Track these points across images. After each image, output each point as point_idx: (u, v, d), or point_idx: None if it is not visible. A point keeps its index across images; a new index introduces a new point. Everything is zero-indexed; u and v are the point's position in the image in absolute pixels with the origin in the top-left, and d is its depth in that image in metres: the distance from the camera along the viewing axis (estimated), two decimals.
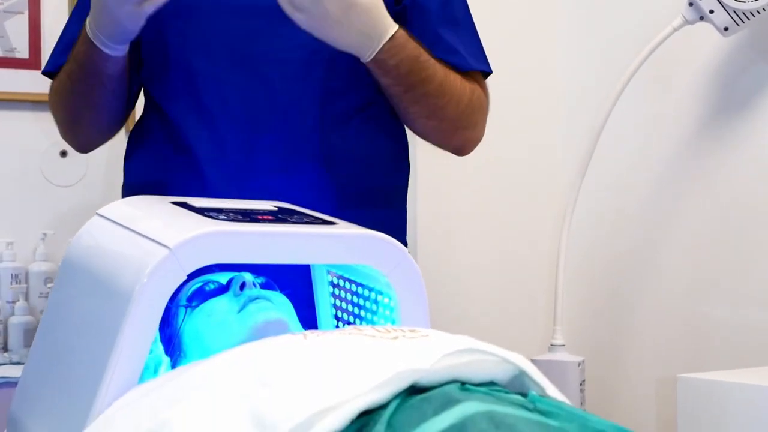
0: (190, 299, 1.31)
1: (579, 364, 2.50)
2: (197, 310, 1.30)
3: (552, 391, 1.01)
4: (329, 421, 0.89)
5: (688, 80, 2.56)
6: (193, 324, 1.29)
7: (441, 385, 0.96)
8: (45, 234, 2.43)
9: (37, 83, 2.42)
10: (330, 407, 0.91)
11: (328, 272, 1.43)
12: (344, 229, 1.27)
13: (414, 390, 0.95)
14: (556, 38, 2.96)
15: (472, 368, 0.99)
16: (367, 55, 1.51)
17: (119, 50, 1.54)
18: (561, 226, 2.61)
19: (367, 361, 0.98)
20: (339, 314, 1.43)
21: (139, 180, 1.69)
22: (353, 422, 0.91)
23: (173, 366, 1.28)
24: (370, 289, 1.35)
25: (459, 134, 1.69)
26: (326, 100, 1.59)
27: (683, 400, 1.79)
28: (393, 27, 1.50)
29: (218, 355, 1.08)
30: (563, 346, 2.59)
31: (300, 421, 0.89)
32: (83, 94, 1.64)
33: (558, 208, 2.84)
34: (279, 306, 1.30)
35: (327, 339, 1.06)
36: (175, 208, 1.29)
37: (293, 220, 1.27)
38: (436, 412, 0.90)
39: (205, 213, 1.24)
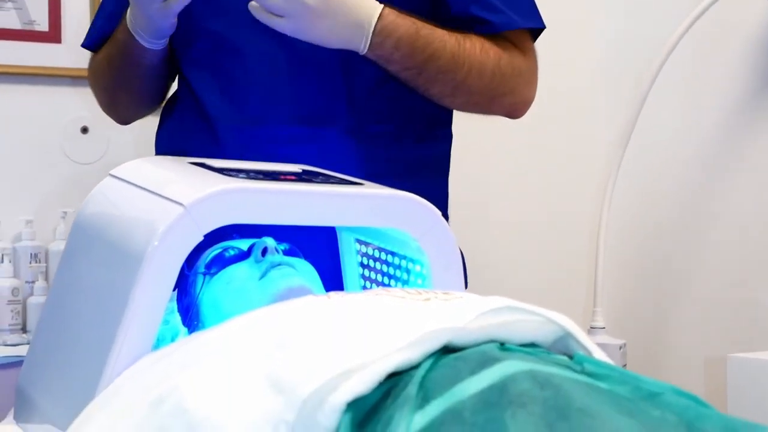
0: (208, 266, 1.24)
1: (620, 348, 2.42)
2: (216, 277, 1.22)
3: (599, 355, 0.93)
4: (354, 383, 0.81)
5: (735, 48, 2.47)
6: (211, 292, 1.22)
7: (477, 345, 0.88)
8: (65, 212, 2.36)
9: (58, 57, 2.38)
10: (355, 368, 0.83)
11: (356, 240, 1.35)
12: (372, 189, 1.19)
13: (447, 351, 0.87)
14: (599, 2, 2.86)
15: (512, 328, 0.90)
16: (362, 45, 1.42)
17: (158, 44, 1.54)
18: (601, 203, 2.53)
19: (396, 321, 0.91)
20: (367, 285, 1.35)
21: (164, 150, 1.65)
22: (381, 384, 0.83)
23: None
24: (401, 257, 1.27)
25: (496, 103, 1.58)
26: (354, 61, 1.51)
27: (733, 380, 1.72)
28: (378, 6, 1.42)
29: (233, 320, 1.00)
30: (603, 328, 2.51)
31: (321, 383, 0.82)
32: (122, 79, 1.64)
33: (598, 183, 2.75)
34: (303, 273, 1.22)
35: (352, 299, 0.98)
36: (192, 168, 1.21)
37: (318, 180, 1.20)
38: (473, 371, 0.82)
39: (224, 172, 1.17)
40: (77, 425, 0.99)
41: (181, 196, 1.06)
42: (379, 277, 1.32)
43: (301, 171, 1.26)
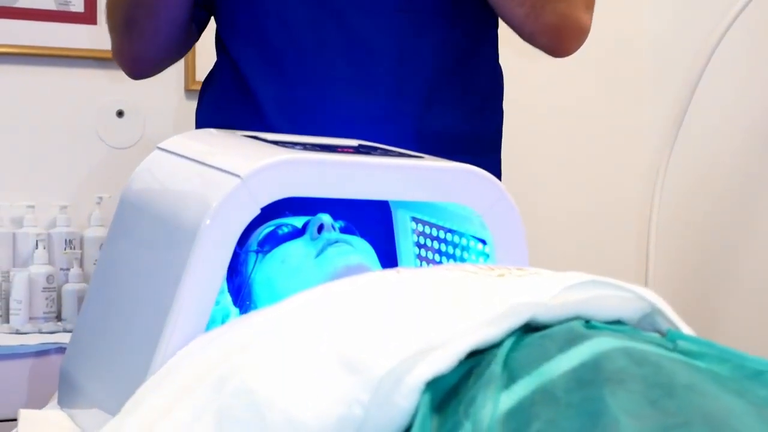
0: (261, 244, 1.18)
1: None
2: (269, 255, 1.17)
3: (689, 333, 0.87)
4: (434, 361, 0.76)
5: None
6: (264, 271, 1.16)
7: (561, 322, 0.82)
8: (101, 198, 2.32)
9: (93, 38, 2.33)
10: (434, 346, 0.77)
11: (412, 219, 1.29)
12: (434, 162, 1.13)
13: (529, 329, 0.81)
14: None
15: (596, 304, 0.84)
16: None
17: None
18: (652, 194, 2.45)
19: (472, 296, 0.85)
20: (424, 265, 1.29)
21: (204, 127, 1.57)
22: (461, 363, 0.77)
23: None
24: (461, 234, 1.21)
25: (550, 10, 1.45)
26: (407, 32, 1.45)
27: None
28: None
29: (293, 298, 0.95)
30: None
31: (398, 362, 0.76)
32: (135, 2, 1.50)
33: (648, 174, 2.68)
34: (360, 251, 1.16)
35: (424, 274, 0.92)
36: (246, 140, 1.16)
37: (377, 154, 1.14)
38: (562, 349, 0.75)
39: (280, 144, 1.11)
40: (129, 408, 0.93)
41: (236, 167, 1.00)
42: (437, 257, 1.26)
43: (357, 145, 1.21)
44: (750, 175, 2.54)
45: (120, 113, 2.40)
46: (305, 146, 1.11)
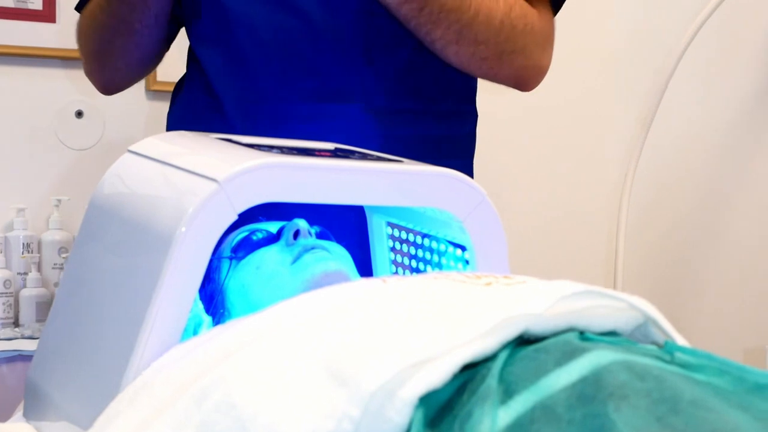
0: (234, 250, 1.15)
1: None
2: (243, 262, 1.13)
3: (683, 343, 0.85)
4: (428, 375, 0.73)
5: (754, 38, 2.40)
6: (238, 278, 1.13)
7: (554, 334, 0.79)
8: (59, 200, 2.27)
9: (52, 37, 2.28)
10: (427, 359, 0.74)
11: (388, 224, 1.27)
12: (415, 165, 1.10)
13: (521, 341, 0.78)
14: None
15: (590, 315, 0.82)
16: None
17: None
18: (620, 198, 2.44)
19: (465, 307, 0.82)
20: (399, 271, 1.26)
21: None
22: (455, 377, 0.74)
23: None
24: (438, 240, 1.18)
25: (506, 62, 1.46)
26: (375, 33, 1.42)
27: None
28: None
29: (277, 305, 0.92)
30: None
31: (391, 375, 0.73)
32: (113, 25, 1.50)
33: (618, 169, 2.67)
34: (338, 257, 1.13)
35: (411, 283, 0.90)
36: (220, 143, 1.12)
37: (355, 158, 1.11)
38: (559, 362, 0.73)
39: (256, 148, 1.08)
40: (103, 422, 0.90)
41: (213, 171, 0.97)
42: (413, 263, 1.24)
43: (334, 148, 1.18)
44: (716, 177, 2.54)
45: (79, 114, 2.35)
46: (282, 149, 1.08)
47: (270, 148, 1.08)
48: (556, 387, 0.71)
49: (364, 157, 1.12)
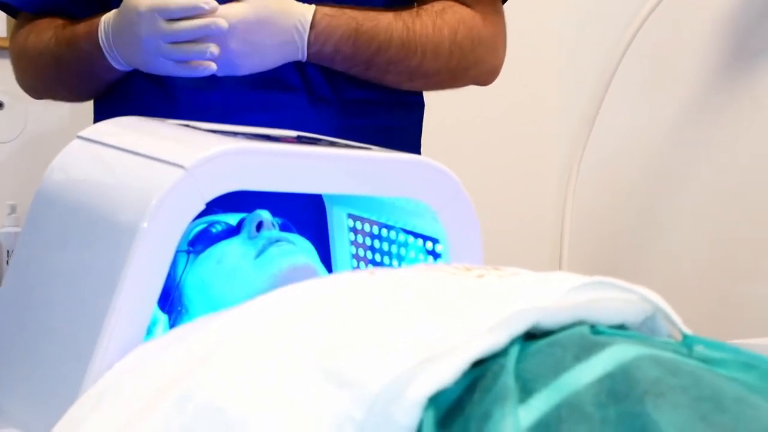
0: (192, 243, 1.07)
1: None
2: (202, 256, 1.06)
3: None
4: (437, 373, 0.67)
5: (700, 26, 2.38)
6: (197, 273, 1.06)
7: (564, 328, 0.74)
8: None
9: None
10: (434, 355, 0.68)
11: (349, 216, 1.21)
12: (386, 153, 1.05)
13: (529, 335, 0.73)
14: None
15: (599, 307, 0.77)
16: (299, 54, 1.32)
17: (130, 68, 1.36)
18: (566, 186, 2.43)
19: (464, 301, 0.76)
20: (361, 265, 1.20)
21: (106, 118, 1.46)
22: (465, 374, 0.68)
23: (172, 325, 1.05)
24: (406, 233, 1.12)
25: (461, 78, 1.48)
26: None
27: None
28: (309, 14, 1.31)
29: (253, 300, 0.85)
30: None
31: (396, 375, 0.67)
32: (69, 80, 1.45)
33: (560, 173, 2.64)
34: (304, 250, 1.07)
35: (402, 277, 0.84)
36: (180, 128, 1.05)
37: (323, 144, 1.05)
38: (578, 358, 0.68)
39: (219, 134, 1.01)
40: (65, 429, 0.82)
41: (179, 157, 0.90)
42: (378, 257, 1.18)
43: (297, 135, 1.12)
44: (660, 175, 2.54)
45: (0, 105, 2.25)
46: (246, 136, 1.02)
47: (234, 134, 1.02)
48: (580, 384, 0.66)
49: (332, 144, 1.06)
